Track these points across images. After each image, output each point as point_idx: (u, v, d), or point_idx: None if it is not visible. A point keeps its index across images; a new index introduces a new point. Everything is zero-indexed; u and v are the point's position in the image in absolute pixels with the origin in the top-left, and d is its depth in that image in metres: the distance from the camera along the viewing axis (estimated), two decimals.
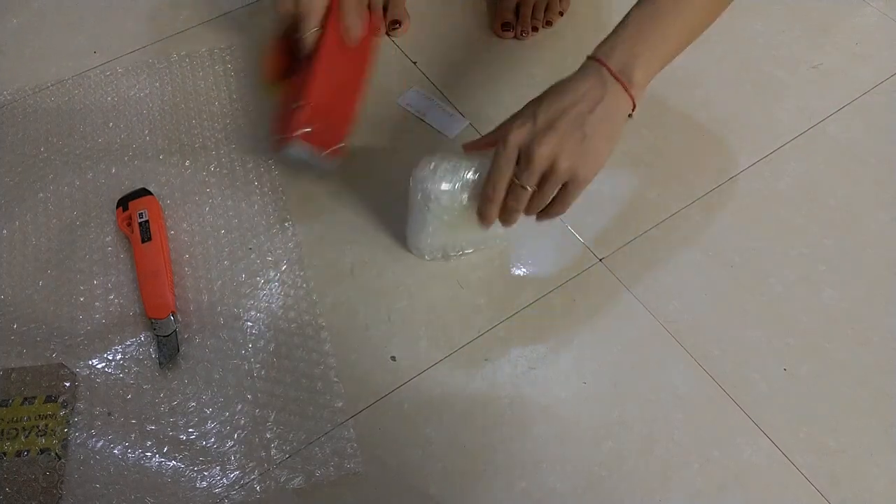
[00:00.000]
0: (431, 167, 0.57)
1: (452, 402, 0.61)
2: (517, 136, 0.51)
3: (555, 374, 0.62)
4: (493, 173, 0.53)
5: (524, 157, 0.51)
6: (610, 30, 0.55)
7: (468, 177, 0.57)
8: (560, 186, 0.53)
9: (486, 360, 0.63)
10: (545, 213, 0.56)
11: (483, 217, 0.55)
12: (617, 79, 0.50)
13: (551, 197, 0.54)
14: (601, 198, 0.73)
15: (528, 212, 0.56)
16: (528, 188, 0.52)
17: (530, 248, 0.70)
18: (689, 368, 0.63)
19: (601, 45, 0.53)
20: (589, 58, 0.53)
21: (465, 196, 0.57)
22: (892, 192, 0.75)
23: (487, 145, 0.56)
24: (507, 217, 0.56)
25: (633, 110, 0.52)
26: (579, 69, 0.53)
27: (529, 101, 0.54)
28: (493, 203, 0.54)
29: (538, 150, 0.49)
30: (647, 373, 0.63)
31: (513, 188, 0.53)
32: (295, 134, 0.61)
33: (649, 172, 0.76)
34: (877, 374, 0.63)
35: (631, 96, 0.51)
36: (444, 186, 0.57)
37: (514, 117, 0.53)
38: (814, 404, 0.61)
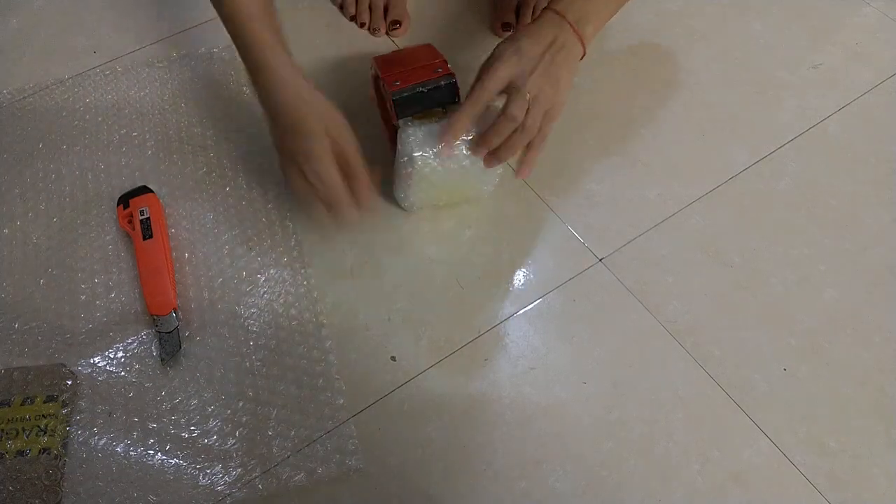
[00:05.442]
0: (408, 134, 0.62)
1: (452, 402, 0.61)
2: (507, 71, 0.58)
3: (555, 374, 0.62)
4: (475, 94, 0.58)
5: (515, 91, 0.58)
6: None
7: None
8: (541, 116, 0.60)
9: (486, 360, 0.63)
10: (532, 146, 0.61)
11: (450, 132, 0.60)
12: (574, 30, 0.60)
13: (536, 127, 0.59)
14: (601, 198, 0.73)
15: (514, 146, 0.60)
16: (517, 120, 0.58)
17: (530, 249, 0.70)
18: (689, 368, 0.63)
19: (558, 2, 0.62)
20: (550, 10, 0.61)
21: (439, 156, 0.62)
22: (892, 192, 0.75)
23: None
24: (497, 154, 0.61)
25: (582, 56, 0.62)
26: (541, 18, 0.61)
27: (503, 45, 0.60)
28: (466, 117, 0.59)
29: (528, 82, 0.58)
30: (647, 373, 0.63)
31: (498, 124, 0.58)
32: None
33: (649, 172, 0.76)
34: (877, 374, 0.63)
35: (583, 45, 0.61)
36: (422, 151, 0.61)
37: (498, 59, 0.59)
38: (814, 404, 0.61)
